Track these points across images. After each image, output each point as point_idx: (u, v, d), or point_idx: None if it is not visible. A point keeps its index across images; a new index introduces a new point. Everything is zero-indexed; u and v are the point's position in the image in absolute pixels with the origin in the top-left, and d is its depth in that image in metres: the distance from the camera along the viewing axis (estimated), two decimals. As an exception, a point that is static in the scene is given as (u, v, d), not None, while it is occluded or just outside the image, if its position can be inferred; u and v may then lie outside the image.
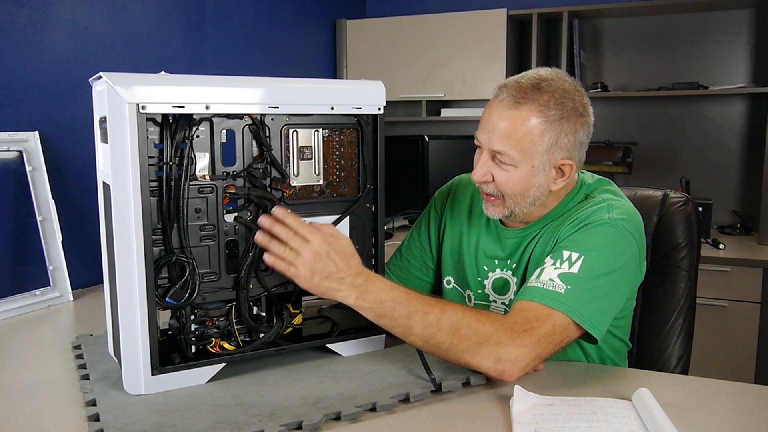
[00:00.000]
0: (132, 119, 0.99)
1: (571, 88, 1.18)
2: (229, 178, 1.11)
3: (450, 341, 1.05)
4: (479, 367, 1.05)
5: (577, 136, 1.18)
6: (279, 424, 0.94)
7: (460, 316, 1.06)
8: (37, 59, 1.79)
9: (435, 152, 3.03)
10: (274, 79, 1.13)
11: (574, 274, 1.10)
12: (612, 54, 3.19)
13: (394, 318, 1.07)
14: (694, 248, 1.48)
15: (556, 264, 1.13)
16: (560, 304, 1.08)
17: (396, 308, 1.07)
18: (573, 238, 1.16)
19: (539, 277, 1.12)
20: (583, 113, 1.19)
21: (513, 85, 1.18)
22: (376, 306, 1.08)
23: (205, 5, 2.40)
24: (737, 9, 2.93)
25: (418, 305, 1.07)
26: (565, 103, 1.16)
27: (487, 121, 1.20)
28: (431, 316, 1.06)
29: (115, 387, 1.08)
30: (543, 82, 1.16)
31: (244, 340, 1.15)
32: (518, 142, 1.16)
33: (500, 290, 1.32)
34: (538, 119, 1.15)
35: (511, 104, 1.16)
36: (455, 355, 1.06)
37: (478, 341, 1.04)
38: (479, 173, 1.21)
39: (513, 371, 1.05)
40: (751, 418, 1.00)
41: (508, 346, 1.04)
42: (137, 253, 1.02)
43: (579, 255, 1.12)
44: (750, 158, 2.98)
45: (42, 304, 1.68)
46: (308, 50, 3.13)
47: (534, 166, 1.17)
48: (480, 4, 3.14)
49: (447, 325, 1.05)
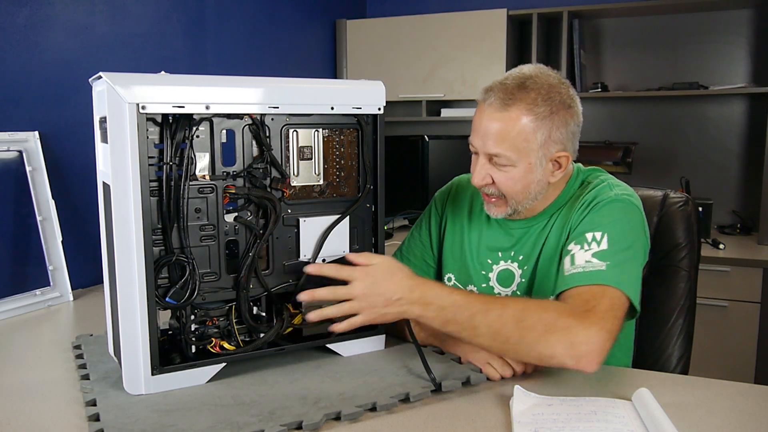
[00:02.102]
0: (132, 119, 0.99)
1: (556, 82, 1.20)
2: (229, 178, 1.11)
3: (518, 334, 1.04)
4: (554, 356, 1.03)
5: (568, 127, 1.20)
6: (279, 424, 0.94)
7: (522, 307, 1.06)
8: (37, 59, 1.79)
9: (435, 152, 3.02)
10: (274, 79, 1.13)
11: (606, 251, 1.13)
12: (612, 54, 3.19)
13: (458, 322, 1.07)
14: (694, 248, 1.48)
15: (584, 247, 1.15)
16: (607, 279, 1.09)
17: (458, 312, 1.07)
18: (588, 220, 1.19)
19: (573, 263, 1.13)
20: (571, 105, 1.21)
21: (499, 87, 1.19)
22: (440, 314, 1.08)
23: (205, 5, 2.40)
24: (737, 9, 2.93)
25: (479, 305, 1.07)
26: (553, 97, 1.17)
27: (478, 125, 1.21)
28: (493, 314, 1.05)
29: (115, 387, 1.08)
30: (528, 80, 1.18)
31: (244, 340, 1.15)
32: (512, 142, 1.17)
33: (504, 282, 1.33)
34: (529, 117, 1.16)
35: (500, 106, 1.17)
36: (528, 347, 1.04)
37: (546, 329, 1.03)
38: (478, 177, 1.23)
39: (591, 354, 1.01)
40: (751, 418, 1.00)
41: (576, 329, 1.02)
42: (137, 253, 1.02)
43: (602, 233, 1.15)
44: (750, 158, 2.97)
45: (42, 304, 1.68)
46: (308, 50, 3.13)
47: (531, 163, 1.19)
48: (480, 4, 3.14)
49: (510, 318, 1.04)
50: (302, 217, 1.17)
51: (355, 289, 1.08)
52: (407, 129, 3.35)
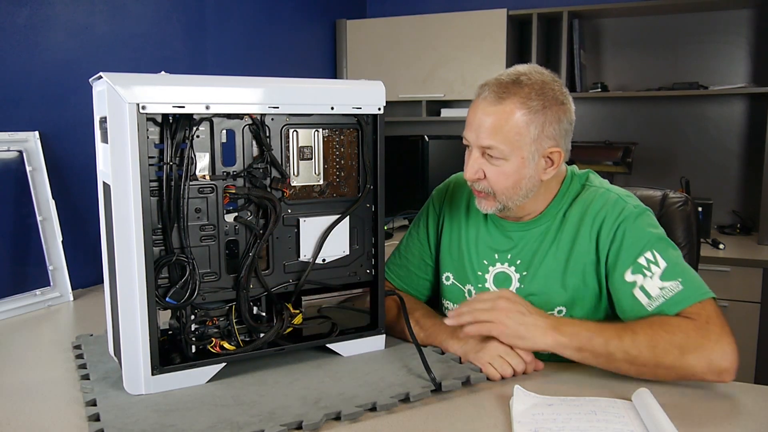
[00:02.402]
0: (132, 119, 0.99)
1: (549, 79, 1.22)
2: (229, 178, 1.11)
3: (654, 359, 1.07)
4: (695, 375, 1.06)
5: (561, 124, 1.21)
6: (279, 424, 0.94)
7: (651, 332, 1.08)
8: (37, 59, 1.79)
9: (435, 152, 3.02)
10: (274, 79, 1.13)
11: (668, 268, 1.15)
12: (612, 54, 3.19)
13: (594, 348, 1.09)
14: (694, 248, 1.48)
15: (646, 274, 1.15)
16: (691, 296, 1.12)
17: (593, 338, 1.09)
18: (628, 244, 1.19)
19: (650, 296, 1.14)
20: (564, 101, 1.22)
21: (494, 82, 1.21)
22: (574, 339, 1.10)
23: (205, 5, 2.40)
24: (737, 9, 2.93)
25: (611, 331, 1.10)
26: (546, 93, 1.19)
27: (473, 119, 1.22)
28: (626, 340, 1.08)
29: (115, 387, 1.08)
30: (522, 76, 1.20)
31: (244, 340, 1.15)
32: (506, 135, 1.18)
33: (501, 284, 1.33)
34: (522, 111, 1.18)
35: (495, 100, 1.19)
36: (666, 370, 1.07)
37: (680, 352, 1.06)
38: (471, 171, 1.24)
39: (731, 367, 1.05)
40: (751, 418, 1.00)
41: (709, 346, 1.06)
42: (137, 253, 1.02)
43: (651, 252, 1.17)
44: (750, 158, 2.97)
45: (42, 304, 1.68)
46: (308, 50, 3.13)
47: (524, 158, 1.20)
48: (480, 4, 3.14)
49: (644, 344, 1.07)
50: (302, 217, 1.17)
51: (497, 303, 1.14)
52: (407, 129, 3.35)
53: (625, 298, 1.17)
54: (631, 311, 1.17)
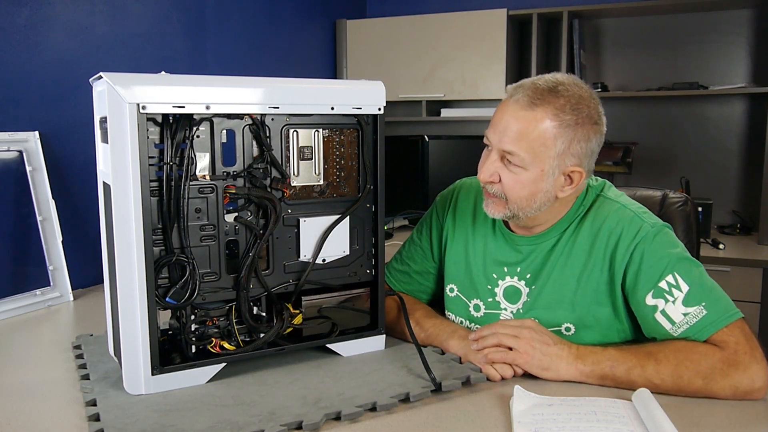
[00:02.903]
0: (132, 119, 0.99)
1: (586, 95, 1.17)
2: (230, 178, 1.11)
3: (677, 388, 1.05)
4: (720, 399, 1.05)
5: (589, 143, 1.17)
6: (279, 424, 0.94)
7: (675, 361, 1.06)
8: (37, 59, 1.79)
9: (435, 152, 3.02)
10: (274, 79, 1.13)
11: (691, 291, 1.11)
12: (612, 54, 3.19)
13: (615, 377, 1.07)
14: (694, 248, 1.48)
15: (668, 299, 1.12)
16: (717, 321, 1.09)
17: (614, 366, 1.07)
18: (647, 266, 1.15)
19: (673, 322, 1.11)
20: (597, 121, 1.17)
21: (529, 86, 1.16)
22: (596, 367, 1.08)
23: (205, 5, 2.40)
24: (737, 9, 2.93)
25: (633, 359, 1.07)
26: (581, 109, 1.14)
27: (499, 120, 1.17)
28: (649, 369, 1.06)
29: (115, 387, 1.08)
30: (560, 86, 1.15)
31: (244, 340, 1.15)
32: (530, 143, 1.14)
33: (511, 298, 1.29)
34: (553, 122, 1.13)
35: (527, 105, 1.14)
36: (688, 395, 1.05)
37: (705, 382, 1.04)
38: (486, 173, 1.19)
39: (759, 390, 1.04)
40: (750, 418, 1.00)
41: (735, 374, 1.04)
42: (137, 253, 1.02)
43: (672, 275, 1.13)
44: (750, 158, 2.97)
45: (42, 304, 1.68)
46: (308, 50, 3.13)
47: (543, 170, 1.15)
48: (480, 4, 3.14)
49: (668, 375, 1.05)
50: (302, 217, 1.17)
51: (522, 329, 1.13)
52: (407, 129, 3.35)
53: (648, 322, 1.15)
54: (655, 333, 1.14)
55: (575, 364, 1.09)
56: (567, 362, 1.10)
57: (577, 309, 1.22)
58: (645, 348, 1.11)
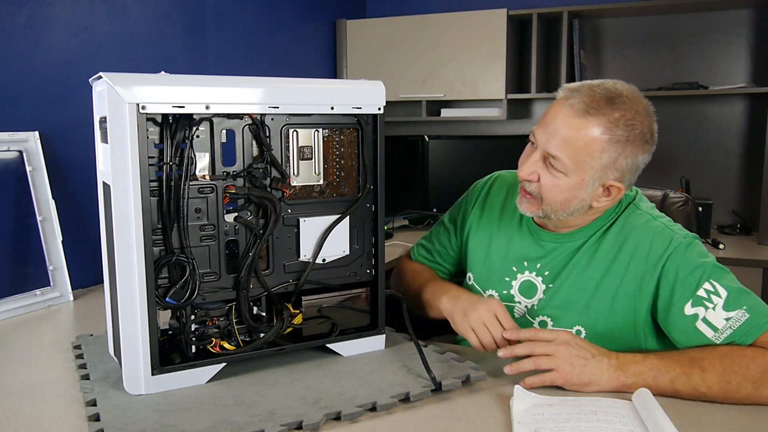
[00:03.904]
0: (132, 119, 0.99)
1: (643, 111, 1.14)
2: (229, 178, 1.11)
3: (725, 395, 1.03)
4: None
5: (635, 160, 1.15)
6: (279, 424, 0.94)
7: (721, 368, 1.03)
8: (37, 59, 1.79)
9: (435, 152, 3.02)
10: (274, 79, 1.13)
11: (729, 296, 1.10)
12: (612, 54, 3.19)
13: (659, 387, 1.04)
14: (694, 248, 1.47)
15: (707, 306, 1.10)
16: (763, 322, 1.07)
17: (657, 377, 1.05)
18: (683, 277, 1.13)
19: (716, 329, 1.09)
20: (649, 140, 1.15)
21: (587, 92, 1.14)
22: (638, 378, 1.05)
23: (205, 5, 2.40)
24: (737, 9, 2.93)
25: (677, 368, 1.05)
26: (635, 125, 1.12)
27: (550, 122, 1.15)
28: (695, 378, 1.03)
29: (115, 387, 1.08)
30: (618, 98, 1.13)
31: (244, 340, 1.15)
32: (576, 152, 1.12)
33: (526, 293, 1.29)
34: (604, 135, 1.11)
35: (581, 112, 1.12)
36: (736, 402, 1.03)
37: (755, 387, 1.02)
38: (526, 171, 1.18)
39: None
40: (750, 418, 1.00)
41: None
42: (137, 253, 1.02)
43: (709, 282, 1.11)
44: (750, 158, 2.97)
45: (42, 304, 1.68)
46: (308, 50, 3.13)
47: (584, 180, 1.14)
48: (480, 4, 3.14)
49: (714, 382, 1.03)
50: (302, 217, 1.17)
51: (558, 341, 1.08)
52: (407, 129, 3.35)
53: (687, 333, 1.12)
54: (695, 344, 1.11)
55: (617, 376, 1.05)
56: (608, 375, 1.06)
57: (591, 314, 1.21)
58: (687, 354, 1.08)
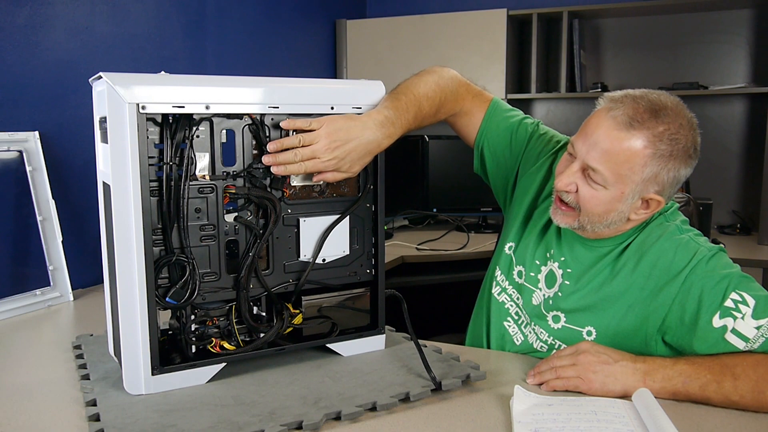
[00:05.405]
0: (132, 119, 0.99)
1: (687, 124, 1.11)
2: (229, 178, 1.11)
3: (758, 404, 1.01)
4: None
5: (677, 175, 1.12)
6: (279, 424, 0.94)
7: (755, 376, 1.01)
8: (37, 59, 1.79)
9: (435, 152, 3.02)
10: (274, 79, 1.13)
11: (758, 304, 1.08)
12: (612, 54, 3.19)
13: (689, 394, 1.03)
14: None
15: (736, 316, 1.08)
16: None
17: (687, 383, 1.03)
18: (708, 289, 1.11)
19: (746, 339, 1.07)
20: (692, 155, 1.13)
21: (630, 103, 1.11)
22: (667, 384, 1.03)
23: (205, 5, 2.40)
24: (737, 9, 2.93)
25: (708, 374, 1.03)
26: (679, 140, 1.09)
27: (591, 133, 1.12)
28: (726, 384, 1.01)
29: (115, 387, 1.08)
30: (662, 111, 1.10)
31: (244, 340, 1.15)
32: (617, 166, 1.10)
33: (549, 282, 1.27)
34: (647, 150, 1.09)
35: (624, 125, 1.09)
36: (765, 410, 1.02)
37: None
38: (564, 182, 1.15)
39: None
40: (751, 418, 1.00)
41: None
42: (137, 253, 1.02)
43: (736, 292, 1.09)
44: (750, 158, 2.98)
45: (42, 304, 1.68)
46: (308, 50, 3.13)
47: (623, 193, 1.12)
48: (480, 4, 3.14)
49: (747, 391, 1.01)
50: (302, 217, 1.17)
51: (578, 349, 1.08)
52: (407, 129, 3.35)
53: (717, 346, 1.09)
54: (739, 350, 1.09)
55: (644, 380, 1.04)
56: (634, 379, 1.04)
57: (605, 318, 1.20)
58: (719, 360, 1.05)
